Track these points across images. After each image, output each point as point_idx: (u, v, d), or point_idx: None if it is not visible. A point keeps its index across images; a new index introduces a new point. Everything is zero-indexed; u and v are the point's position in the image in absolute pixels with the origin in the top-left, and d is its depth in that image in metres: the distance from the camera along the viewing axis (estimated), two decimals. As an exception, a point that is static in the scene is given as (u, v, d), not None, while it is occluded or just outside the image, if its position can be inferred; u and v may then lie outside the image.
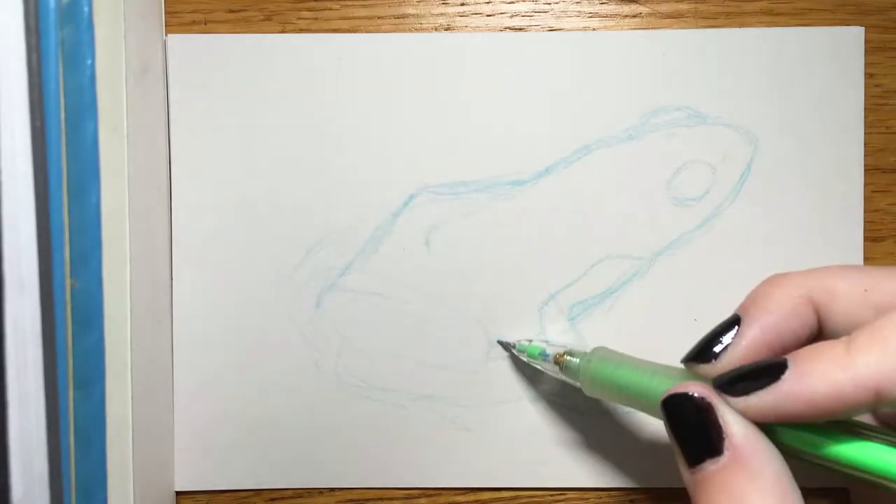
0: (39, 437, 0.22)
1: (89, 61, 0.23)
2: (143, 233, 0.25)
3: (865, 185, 0.28)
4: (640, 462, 0.28)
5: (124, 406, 0.24)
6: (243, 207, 0.28)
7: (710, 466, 0.18)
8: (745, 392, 0.18)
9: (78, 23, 0.22)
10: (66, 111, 0.22)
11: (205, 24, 0.28)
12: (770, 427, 0.18)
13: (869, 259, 0.28)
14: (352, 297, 0.28)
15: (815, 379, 0.17)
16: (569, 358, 0.25)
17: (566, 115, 0.28)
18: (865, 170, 0.28)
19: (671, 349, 0.28)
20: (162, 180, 0.27)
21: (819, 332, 0.20)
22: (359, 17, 0.28)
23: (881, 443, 0.17)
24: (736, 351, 0.20)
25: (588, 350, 0.25)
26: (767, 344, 0.19)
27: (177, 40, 0.28)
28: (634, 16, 0.28)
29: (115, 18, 0.23)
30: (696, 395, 0.19)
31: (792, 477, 0.18)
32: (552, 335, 0.27)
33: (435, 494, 0.28)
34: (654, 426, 0.28)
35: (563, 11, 0.28)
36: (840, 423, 0.18)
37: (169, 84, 0.28)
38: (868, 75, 0.28)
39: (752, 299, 0.20)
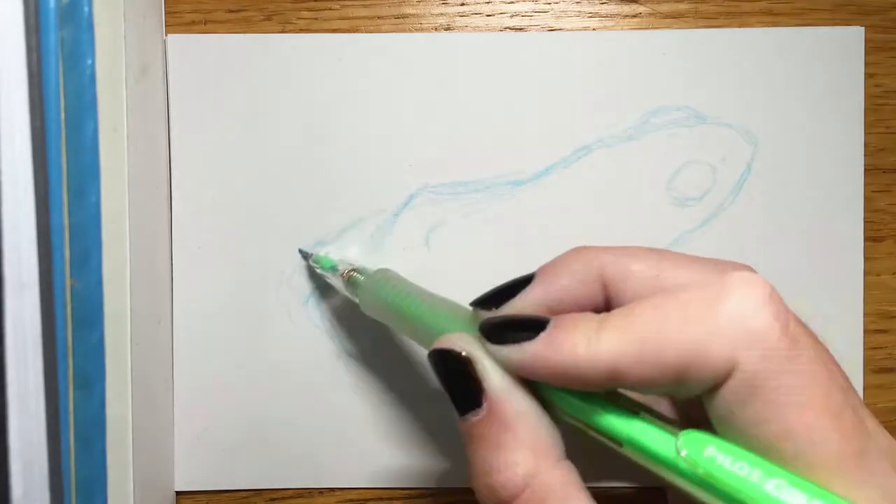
0: (39, 437, 0.22)
1: (89, 61, 0.23)
2: (143, 233, 0.25)
3: (865, 185, 0.28)
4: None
5: (124, 406, 0.24)
6: (243, 207, 0.28)
7: (472, 418, 0.19)
8: (503, 342, 0.18)
9: (78, 23, 0.22)
10: (66, 111, 0.22)
11: (205, 24, 0.28)
12: (537, 384, 0.18)
13: (869, 259, 0.28)
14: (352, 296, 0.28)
15: (559, 348, 0.17)
16: (355, 274, 0.25)
17: (566, 115, 0.28)
18: (865, 170, 0.28)
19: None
20: (162, 180, 0.27)
21: (607, 309, 0.19)
22: (359, 17, 0.28)
23: (641, 418, 0.17)
24: (515, 304, 0.20)
25: (373, 270, 0.25)
26: (547, 306, 0.19)
27: (177, 40, 0.28)
28: (634, 16, 0.28)
29: (115, 18, 0.23)
30: (457, 349, 0.19)
31: (552, 427, 0.18)
32: (353, 256, 0.28)
33: (435, 494, 0.28)
34: (654, 426, 0.28)
35: (563, 11, 0.28)
36: (611, 394, 0.18)
37: (169, 84, 0.28)
38: (868, 75, 0.28)
39: (551, 263, 0.20)
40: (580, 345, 0.17)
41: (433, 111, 0.28)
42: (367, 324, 0.28)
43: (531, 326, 0.18)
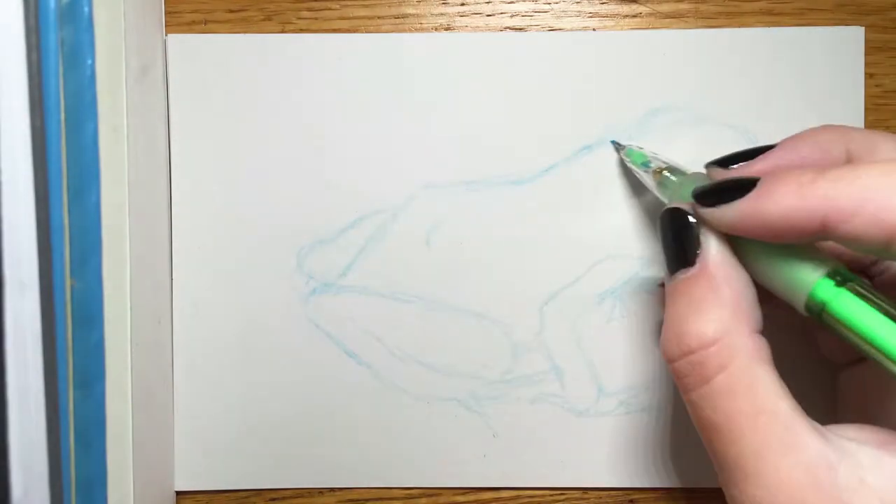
0: (39, 437, 0.22)
1: (89, 61, 0.23)
2: (143, 233, 0.25)
3: (865, 185, 0.28)
4: (640, 462, 0.28)
5: (124, 406, 0.24)
6: (243, 207, 0.28)
7: (682, 276, 0.20)
8: (714, 204, 0.19)
9: (78, 23, 0.22)
10: (66, 111, 0.22)
11: (205, 24, 0.28)
12: (783, 264, 0.19)
13: (869, 259, 0.28)
14: (352, 297, 0.28)
15: (771, 199, 0.18)
16: (667, 174, 0.24)
17: (566, 115, 0.28)
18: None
19: (671, 349, 0.28)
20: (162, 180, 0.27)
21: None
22: (359, 17, 0.28)
23: (877, 308, 0.18)
24: (751, 166, 0.20)
25: (686, 171, 0.24)
26: (781, 168, 0.20)
27: (177, 40, 0.28)
28: (634, 16, 0.28)
29: (115, 18, 0.23)
30: (685, 208, 0.20)
31: (756, 300, 0.19)
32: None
33: (435, 494, 0.28)
34: (655, 426, 0.28)
35: (563, 11, 0.28)
36: (851, 279, 0.18)
37: (169, 84, 0.28)
38: (868, 75, 0.28)
39: (795, 134, 0.21)
40: (791, 194, 0.17)
41: (433, 111, 0.28)
42: (367, 323, 0.28)
43: (742, 186, 0.18)
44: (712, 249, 0.19)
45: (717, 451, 0.19)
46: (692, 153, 0.28)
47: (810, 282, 0.19)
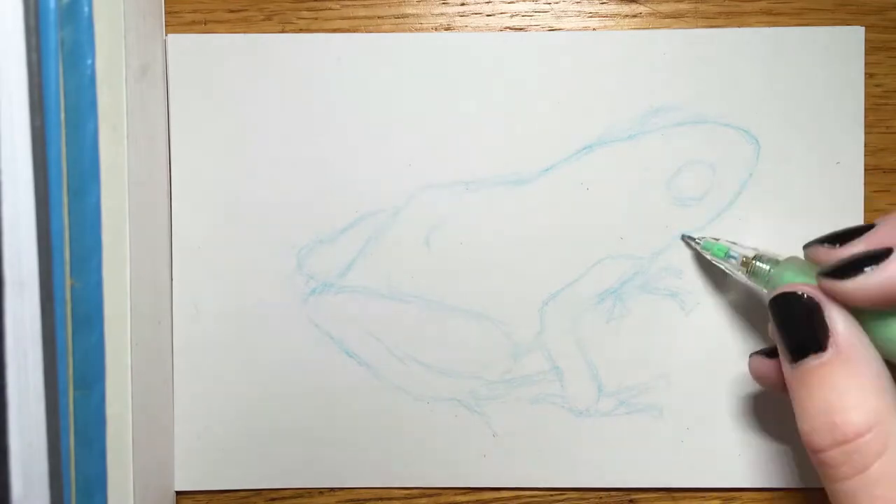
0: (39, 437, 0.22)
1: (89, 61, 0.23)
2: (143, 233, 0.25)
3: (865, 185, 0.28)
4: (640, 462, 0.28)
5: (124, 406, 0.24)
6: (243, 207, 0.28)
7: (814, 361, 0.19)
8: (849, 276, 0.19)
9: (78, 23, 0.22)
10: (66, 111, 0.22)
11: (205, 24, 0.28)
12: (873, 328, 0.19)
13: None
14: (352, 297, 0.28)
15: None
16: (758, 264, 0.24)
17: (566, 115, 0.28)
18: (865, 170, 0.28)
19: (671, 349, 0.28)
20: (162, 180, 0.27)
21: None
22: (359, 17, 0.28)
23: None
24: (858, 243, 0.20)
25: (778, 257, 0.24)
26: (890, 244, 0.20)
27: (177, 40, 0.28)
28: (634, 16, 0.28)
29: (115, 18, 0.23)
30: (805, 294, 0.20)
31: (891, 377, 0.19)
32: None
33: (435, 494, 0.28)
34: (655, 426, 0.28)
35: (563, 11, 0.28)
36: None
37: (169, 84, 0.28)
38: (868, 75, 0.28)
39: (887, 214, 0.21)
40: None
41: (433, 111, 0.28)
42: (367, 323, 0.28)
43: (875, 257, 0.19)
44: (843, 331, 0.19)
45: None
46: (692, 153, 0.28)
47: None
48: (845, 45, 0.27)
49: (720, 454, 0.28)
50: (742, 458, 0.28)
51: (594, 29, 0.28)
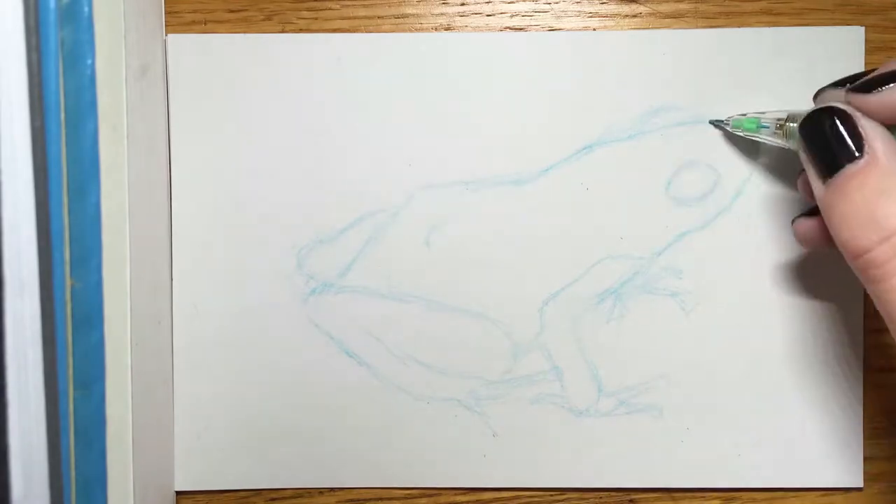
0: (39, 437, 0.22)
1: (89, 61, 0.23)
2: (143, 233, 0.25)
3: (865, 185, 0.28)
4: (640, 462, 0.28)
5: (124, 406, 0.24)
6: (243, 207, 0.28)
7: (851, 169, 0.20)
8: (873, 91, 0.20)
9: (78, 23, 0.22)
10: (66, 111, 0.22)
11: (205, 24, 0.28)
12: None
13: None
14: (352, 297, 0.28)
15: None
16: (791, 125, 0.24)
17: (566, 115, 0.28)
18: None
19: (671, 349, 0.28)
20: (162, 180, 0.27)
21: None
22: (359, 17, 0.28)
23: None
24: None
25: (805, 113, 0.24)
26: None
27: (177, 40, 0.28)
28: (634, 16, 0.28)
29: (115, 18, 0.23)
30: (835, 107, 0.21)
31: None
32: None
33: (435, 494, 0.28)
34: (655, 426, 0.28)
35: (563, 11, 0.28)
36: None
37: (169, 84, 0.28)
38: (868, 75, 0.28)
39: None
40: None
41: (433, 111, 0.28)
42: (367, 323, 0.28)
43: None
44: (877, 136, 0.20)
45: None
46: (692, 153, 0.28)
47: None
48: (845, 45, 0.27)
49: (720, 454, 0.28)
50: (742, 458, 0.28)
51: (594, 29, 0.28)
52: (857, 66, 0.27)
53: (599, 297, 0.28)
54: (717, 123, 0.27)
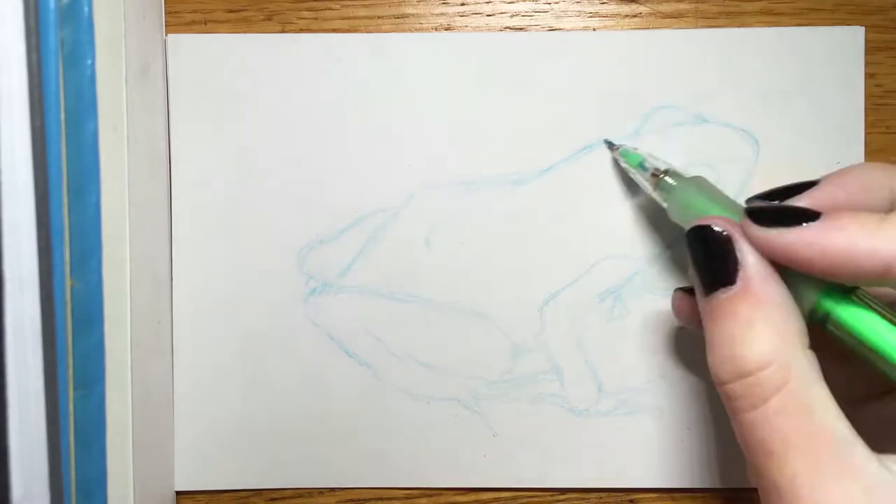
0: (39, 437, 0.22)
1: (89, 61, 0.23)
2: (143, 233, 0.25)
3: (865, 185, 0.28)
4: (640, 462, 0.28)
5: (124, 406, 0.24)
6: (243, 207, 0.28)
7: (723, 295, 0.19)
8: (770, 225, 0.19)
9: (78, 23, 0.22)
10: (66, 111, 0.22)
11: (205, 24, 0.28)
12: (786, 276, 0.19)
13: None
14: (352, 297, 0.28)
15: (837, 234, 0.18)
16: (666, 179, 0.24)
17: (566, 115, 0.28)
18: (865, 170, 0.28)
19: (672, 349, 0.28)
20: (162, 180, 0.27)
21: None
22: (359, 17, 0.28)
23: (881, 316, 0.18)
24: (798, 200, 0.20)
25: (687, 176, 0.24)
26: (831, 208, 0.20)
27: (177, 40, 0.28)
28: (634, 16, 0.28)
29: (115, 18, 0.23)
30: (718, 227, 0.20)
31: (798, 313, 0.19)
32: (654, 151, 0.27)
33: (435, 494, 0.28)
34: (655, 426, 0.28)
35: (563, 11, 0.28)
36: (852, 289, 0.19)
37: (169, 84, 0.28)
38: (868, 75, 0.28)
39: (839, 170, 0.21)
40: (860, 235, 0.17)
41: (433, 111, 0.28)
42: (367, 323, 0.28)
43: (803, 215, 0.18)
44: (752, 265, 0.19)
45: (768, 475, 0.18)
46: (692, 153, 0.28)
47: (816, 289, 0.19)
48: (845, 45, 0.27)
49: (720, 454, 0.28)
50: (742, 458, 0.28)
51: (594, 29, 0.28)
52: (857, 66, 0.27)
53: (600, 297, 0.28)
54: (609, 143, 0.27)
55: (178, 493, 0.28)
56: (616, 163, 0.27)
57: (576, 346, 0.28)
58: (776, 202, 0.20)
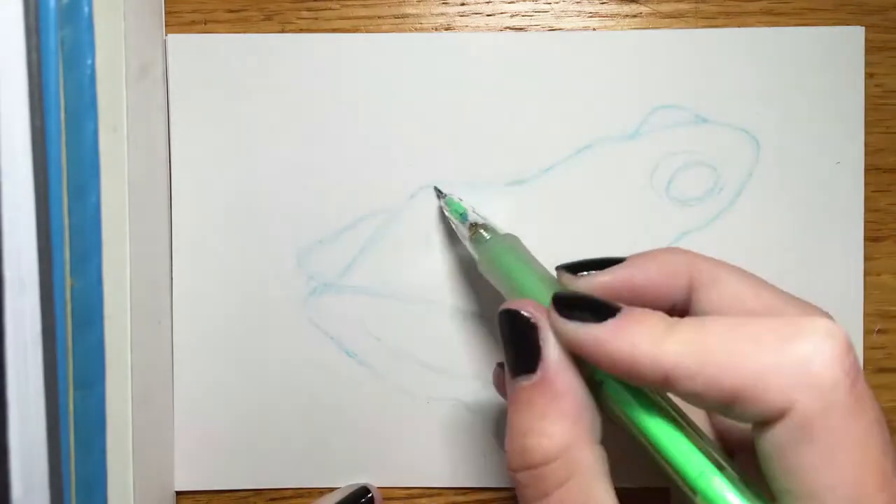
0: (39, 437, 0.22)
1: (89, 61, 0.23)
2: (143, 233, 0.25)
3: (865, 185, 0.28)
4: (637, 461, 0.28)
5: (124, 406, 0.24)
6: (243, 207, 0.28)
7: (524, 382, 0.19)
8: (570, 317, 0.19)
9: (78, 23, 0.22)
10: (66, 111, 0.22)
11: (205, 24, 0.28)
12: (590, 367, 0.19)
13: (869, 259, 0.28)
14: (352, 297, 0.28)
15: (623, 338, 0.17)
16: (482, 232, 0.24)
17: (566, 115, 0.28)
18: (865, 170, 0.28)
19: (671, 349, 0.28)
20: (162, 180, 0.27)
21: (682, 314, 0.20)
22: (359, 17, 0.28)
23: (679, 429, 0.18)
24: (598, 277, 0.20)
25: (502, 233, 0.24)
26: (629, 289, 0.20)
27: (177, 40, 0.28)
28: (634, 16, 0.28)
29: (115, 18, 0.23)
30: (525, 313, 0.19)
31: (595, 411, 0.19)
32: (484, 210, 0.27)
33: (435, 494, 0.28)
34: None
35: (563, 11, 0.28)
36: (659, 396, 0.19)
37: (169, 84, 0.28)
38: (868, 75, 0.28)
39: (644, 253, 0.21)
40: (644, 342, 0.17)
41: (433, 111, 0.28)
42: (368, 323, 0.28)
43: (602, 310, 0.18)
44: (553, 357, 0.19)
45: None
46: (692, 153, 0.28)
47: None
48: (845, 45, 0.27)
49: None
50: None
51: (594, 29, 0.28)
52: (857, 66, 0.27)
53: (599, 297, 0.28)
54: (437, 191, 0.27)
55: (178, 493, 0.28)
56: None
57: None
58: (580, 293, 0.20)
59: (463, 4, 0.28)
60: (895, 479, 0.16)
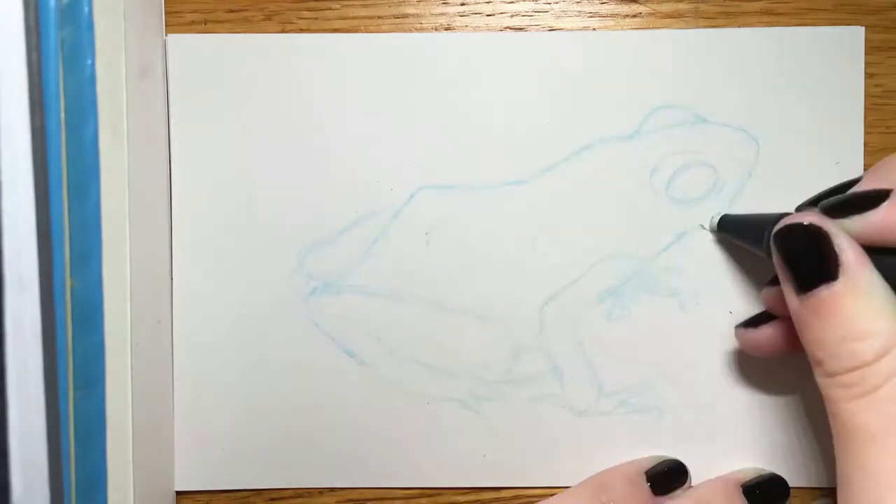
0: (39, 437, 0.22)
1: (89, 61, 0.23)
2: (143, 233, 0.25)
3: (865, 185, 0.28)
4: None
5: (124, 406, 0.24)
6: (243, 207, 0.28)
7: (825, 291, 0.19)
8: (846, 216, 0.20)
9: (78, 23, 0.22)
10: (66, 111, 0.22)
11: (205, 24, 0.28)
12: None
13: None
14: (352, 297, 0.28)
15: None
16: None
17: (566, 115, 0.28)
18: (865, 170, 0.28)
19: (672, 349, 0.28)
20: (162, 180, 0.27)
21: None
22: (359, 17, 0.28)
23: None
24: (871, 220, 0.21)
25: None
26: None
27: (177, 40, 0.28)
28: (634, 16, 0.28)
29: (115, 18, 0.23)
30: (814, 224, 0.20)
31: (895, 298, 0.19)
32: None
33: (435, 494, 0.28)
34: (655, 426, 0.28)
35: (563, 11, 0.28)
36: None
37: (169, 84, 0.28)
38: (868, 75, 0.28)
39: (878, 164, 0.22)
40: None
41: (433, 111, 0.28)
42: (367, 323, 0.28)
43: (871, 199, 0.19)
44: (853, 259, 0.19)
45: (868, 461, 0.19)
46: (692, 153, 0.28)
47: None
48: (845, 45, 0.27)
49: (720, 454, 0.28)
50: (742, 459, 0.28)
51: (594, 29, 0.28)
52: (857, 66, 0.27)
53: (599, 297, 0.28)
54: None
55: (178, 493, 0.28)
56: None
57: (576, 346, 0.28)
58: (842, 195, 0.21)
59: (463, 4, 0.28)
60: None
